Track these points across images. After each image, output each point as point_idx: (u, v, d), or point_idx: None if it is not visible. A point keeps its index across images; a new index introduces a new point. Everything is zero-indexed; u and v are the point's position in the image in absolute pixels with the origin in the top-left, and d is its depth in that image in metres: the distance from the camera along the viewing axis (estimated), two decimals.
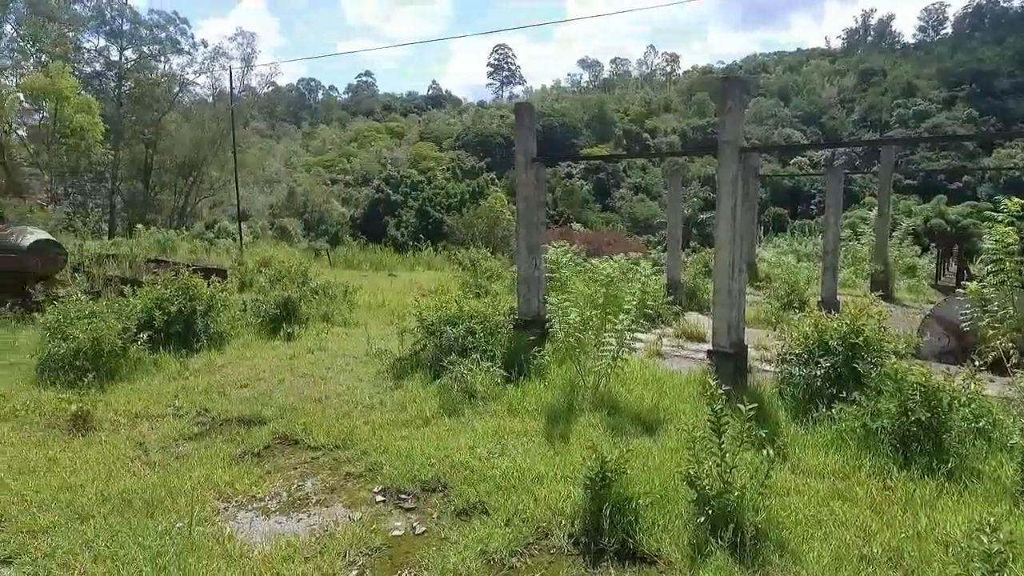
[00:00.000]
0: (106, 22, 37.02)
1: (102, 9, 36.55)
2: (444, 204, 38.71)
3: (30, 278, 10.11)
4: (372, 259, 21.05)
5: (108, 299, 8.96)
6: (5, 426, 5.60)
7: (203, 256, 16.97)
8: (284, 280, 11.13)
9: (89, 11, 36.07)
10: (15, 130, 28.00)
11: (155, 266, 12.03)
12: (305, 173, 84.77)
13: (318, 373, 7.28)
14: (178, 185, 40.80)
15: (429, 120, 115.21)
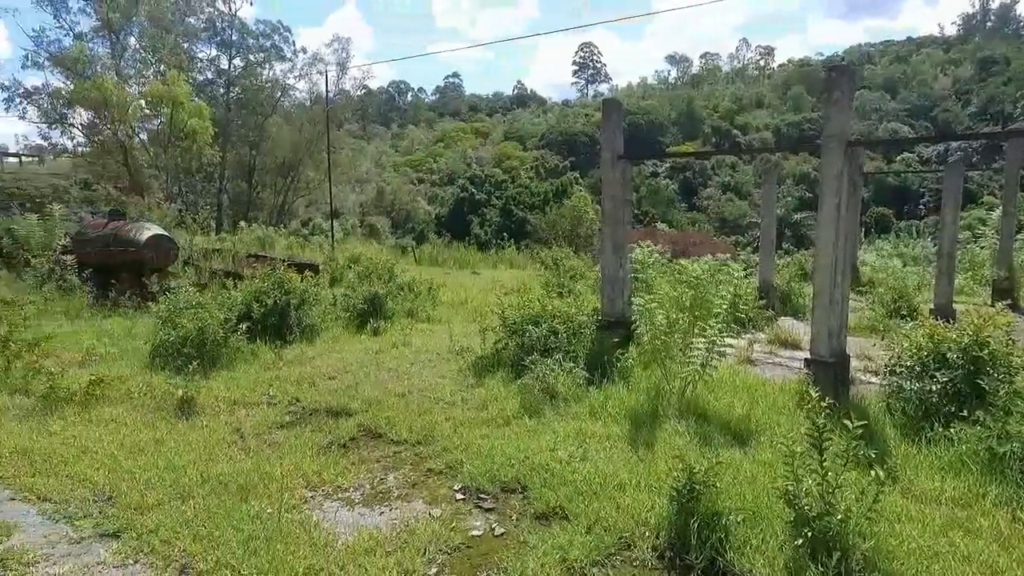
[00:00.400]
0: (217, 33, 39.65)
1: (214, 21, 39.17)
2: (527, 203, 38.76)
3: (146, 270, 10.95)
4: (456, 257, 21.39)
5: (212, 291, 9.55)
6: (121, 407, 6.04)
7: (298, 252, 17.82)
8: (372, 276, 11.46)
9: (202, 23, 38.75)
10: (137, 134, 30.50)
11: (254, 261, 12.72)
12: (393, 173, 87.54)
13: (402, 368, 7.42)
14: (277, 184, 43.13)
15: (513, 120, 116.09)
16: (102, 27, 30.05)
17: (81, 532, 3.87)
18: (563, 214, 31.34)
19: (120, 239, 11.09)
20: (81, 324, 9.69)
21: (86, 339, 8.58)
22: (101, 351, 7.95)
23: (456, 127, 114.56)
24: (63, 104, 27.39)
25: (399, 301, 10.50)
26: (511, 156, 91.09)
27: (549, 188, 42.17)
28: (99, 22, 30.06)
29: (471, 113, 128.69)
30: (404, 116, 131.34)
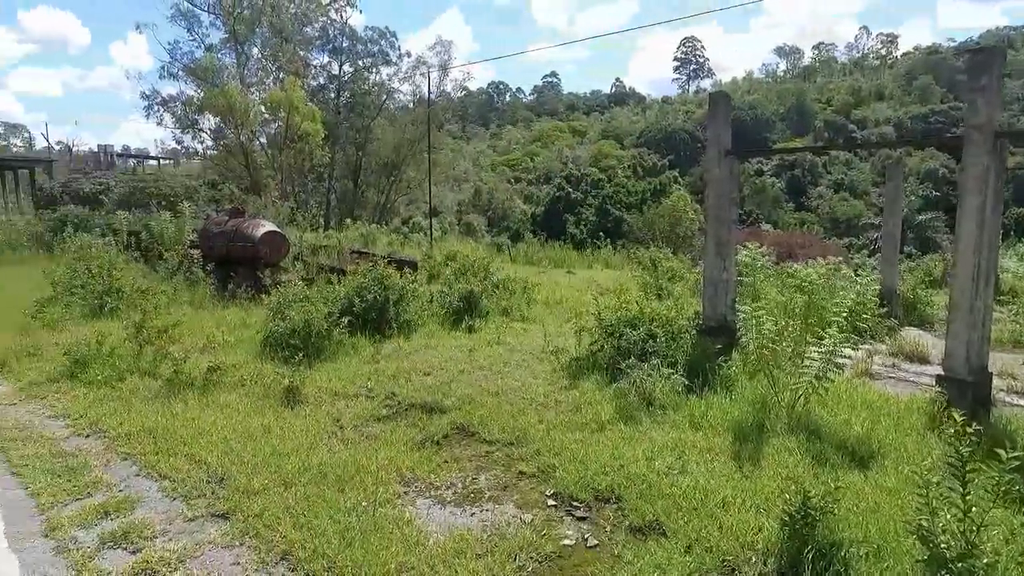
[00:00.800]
0: (329, 40, 41.86)
1: (327, 29, 41.38)
2: (624, 202, 38.08)
3: (261, 264, 11.66)
4: (551, 256, 21.32)
5: (318, 285, 10.00)
6: (234, 393, 6.42)
7: (398, 249, 18.42)
8: (468, 274, 11.58)
9: (316, 32, 41.04)
10: (257, 137, 32.81)
11: (357, 257, 13.23)
12: (491, 172, 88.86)
13: (495, 367, 7.40)
14: (381, 184, 44.91)
15: (611, 118, 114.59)
16: (229, 39, 32.50)
17: (195, 511, 4.11)
18: (661, 214, 30.53)
19: (239, 235, 11.88)
20: (204, 313, 10.44)
21: (207, 327, 9.24)
22: (219, 339, 8.52)
23: (553, 126, 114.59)
24: (194, 111, 29.92)
25: (494, 299, 10.54)
26: (608, 155, 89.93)
27: (647, 187, 41.24)
28: (226, 34, 32.53)
29: (568, 112, 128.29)
30: (502, 116, 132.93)
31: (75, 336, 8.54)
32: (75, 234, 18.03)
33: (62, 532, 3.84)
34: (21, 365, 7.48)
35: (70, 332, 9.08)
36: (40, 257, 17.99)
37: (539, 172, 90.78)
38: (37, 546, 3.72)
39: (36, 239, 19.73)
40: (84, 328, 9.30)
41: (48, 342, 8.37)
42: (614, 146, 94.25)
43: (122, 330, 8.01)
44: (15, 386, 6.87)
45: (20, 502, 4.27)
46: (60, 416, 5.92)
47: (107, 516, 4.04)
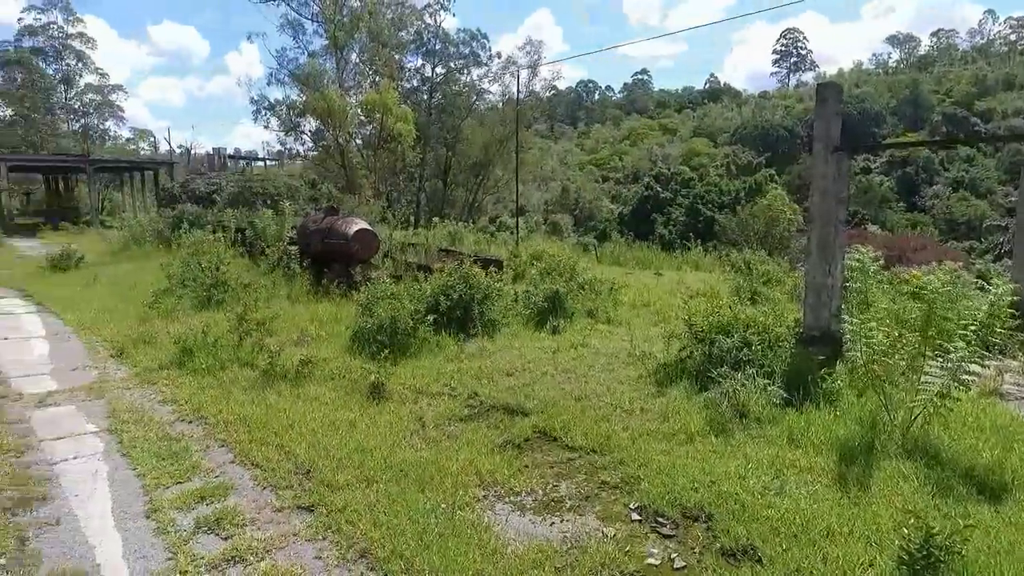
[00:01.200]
0: (423, 44, 42.94)
1: (421, 33, 42.46)
2: (716, 202, 36.62)
3: (353, 261, 12.04)
4: (638, 256, 20.78)
5: (406, 283, 10.19)
6: (324, 386, 6.61)
7: (484, 248, 18.55)
8: (553, 274, 11.45)
9: (411, 36, 42.21)
10: (354, 139, 34.13)
11: (444, 255, 13.40)
12: (578, 171, 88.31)
13: (579, 370, 7.23)
14: (469, 183, 45.61)
15: (704, 115, 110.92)
16: (329, 45, 34.01)
17: (283, 501, 4.22)
18: (756, 214, 29.08)
19: (333, 232, 12.32)
20: (299, 307, 10.90)
21: (301, 321, 9.62)
22: (312, 333, 8.83)
23: (642, 124, 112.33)
24: (296, 114, 31.54)
25: (579, 300, 10.34)
26: (700, 153, 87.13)
27: (741, 186, 39.49)
28: (327, 41, 34.08)
29: (659, 109, 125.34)
30: (591, 115, 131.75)
31: (185, 326, 9.14)
32: (190, 230, 19.46)
33: (162, 514, 4.04)
34: (138, 352, 8.07)
35: (181, 322, 9.72)
36: (160, 251, 19.52)
37: (627, 171, 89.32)
38: (139, 526, 3.94)
39: (157, 235, 21.41)
40: (194, 318, 9.94)
41: (162, 331, 8.99)
42: (706, 144, 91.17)
43: (225, 321, 8.49)
44: (132, 371, 7.41)
45: (128, 482, 4.56)
46: (168, 402, 6.31)
47: (203, 501, 4.23)
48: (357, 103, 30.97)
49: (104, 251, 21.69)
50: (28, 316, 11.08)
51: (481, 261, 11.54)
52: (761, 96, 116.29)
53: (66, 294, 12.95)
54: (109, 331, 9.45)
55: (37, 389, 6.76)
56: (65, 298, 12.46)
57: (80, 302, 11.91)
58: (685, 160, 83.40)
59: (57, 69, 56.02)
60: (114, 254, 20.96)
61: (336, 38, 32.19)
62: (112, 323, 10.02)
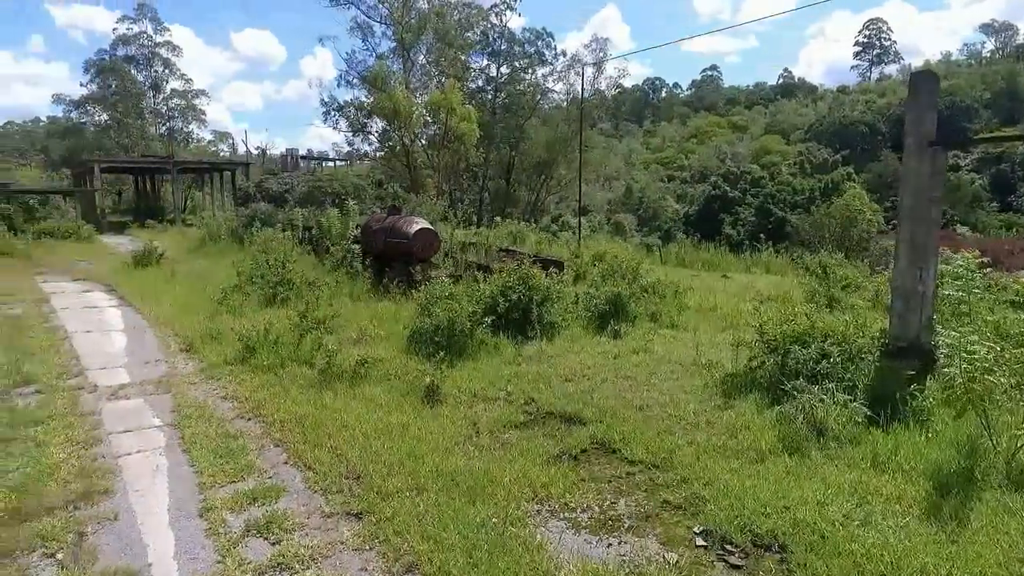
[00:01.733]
0: (489, 44, 43.15)
1: (487, 33, 42.68)
2: (788, 201, 35.08)
3: (413, 260, 12.08)
4: (705, 258, 20.01)
5: (465, 283, 10.11)
6: (379, 387, 6.56)
7: (545, 248, 18.35)
8: (616, 276, 11.12)
9: (477, 37, 42.49)
10: (419, 138, 34.61)
11: (504, 255, 13.29)
12: (643, 170, 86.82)
13: (641, 377, 6.91)
14: (532, 182, 45.52)
15: (777, 111, 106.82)
16: (397, 47, 34.63)
17: (332, 507, 4.15)
18: (831, 214, 27.63)
19: (394, 231, 12.41)
20: (360, 306, 11.02)
21: (361, 320, 9.69)
22: (371, 332, 8.87)
23: (711, 121, 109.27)
24: (364, 115, 32.26)
25: (642, 303, 9.97)
26: (771, 150, 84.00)
27: (816, 185, 37.75)
28: (395, 42, 34.71)
29: (729, 106, 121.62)
30: (657, 113, 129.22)
31: (251, 322, 9.37)
32: (261, 229, 20.16)
33: (215, 514, 4.04)
34: (205, 348, 8.30)
35: (248, 318, 9.97)
36: (233, 248, 20.32)
37: (694, 170, 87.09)
38: (192, 526, 3.95)
39: (231, 233, 22.31)
40: (259, 315, 10.18)
41: (229, 327, 9.22)
42: (779, 141, 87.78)
43: (288, 319, 8.63)
44: (199, 366, 7.61)
45: (185, 479, 4.61)
46: (230, 398, 6.42)
47: (255, 502, 4.21)
48: (423, 103, 31.35)
49: (183, 247, 22.80)
50: (111, 310, 11.67)
51: (541, 262, 11.34)
52: (839, 91, 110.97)
53: (146, 289, 13.59)
54: (181, 326, 9.80)
55: (111, 382, 7.03)
56: (144, 293, 13.07)
57: (157, 297, 12.45)
58: (755, 158, 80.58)
59: (147, 76, 59.48)
60: (192, 251, 21.98)
61: (403, 39, 32.73)
62: (185, 318, 10.39)
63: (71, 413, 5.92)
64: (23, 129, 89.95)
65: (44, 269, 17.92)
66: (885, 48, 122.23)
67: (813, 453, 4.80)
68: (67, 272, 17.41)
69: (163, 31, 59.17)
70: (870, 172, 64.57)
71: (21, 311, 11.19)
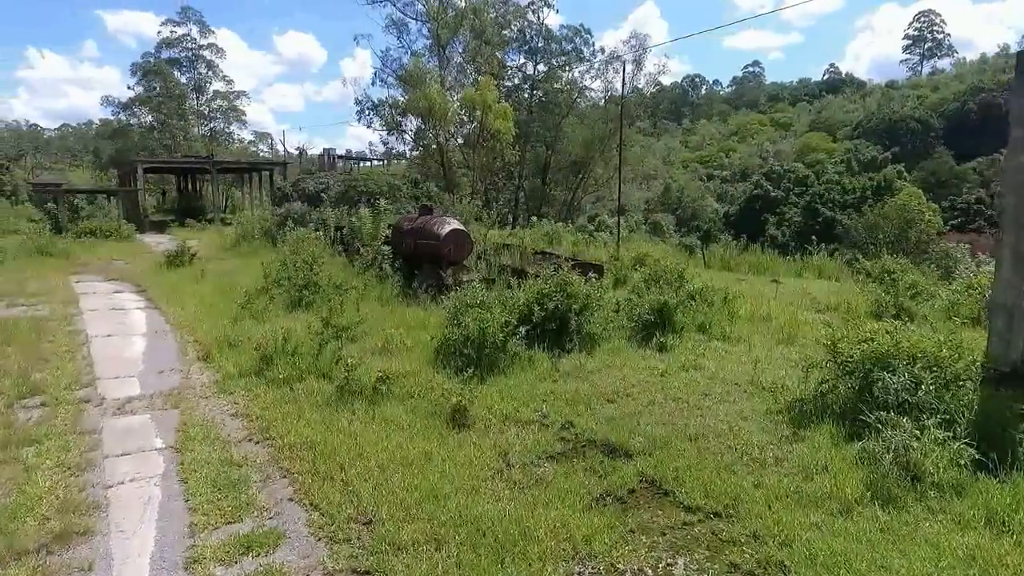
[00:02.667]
0: (526, 42, 42.47)
1: (524, 31, 42.00)
2: (838, 201, 33.48)
3: (444, 263, 11.50)
4: (751, 261, 18.89)
5: (498, 288, 9.47)
6: (401, 407, 5.95)
7: (583, 250, 17.59)
8: (659, 281, 10.33)
9: (514, 34, 41.84)
10: (453, 137, 34.15)
11: (540, 258, 12.59)
12: (681, 169, 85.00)
13: (692, 399, 6.15)
14: (569, 181, 44.69)
15: (822, 108, 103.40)
16: (433, 44, 34.22)
17: (336, 561, 3.54)
18: (886, 215, 26.11)
19: (425, 232, 11.84)
20: (387, 311, 10.48)
21: (388, 326, 9.12)
22: (396, 341, 8.28)
23: (753, 119, 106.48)
24: (399, 113, 31.84)
25: (689, 312, 9.16)
26: (816, 148, 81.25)
27: (867, 184, 35.96)
28: (430, 40, 34.32)
29: (771, 103, 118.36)
30: (696, 111, 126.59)
31: (273, 328, 8.92)
32: (294, 229, 19.90)
33: (202, 567, 3.48)
34: (222, 356, 7.84)
35: (270, 323, 9.51)
36: (266, 248, 20.12)
37: (735, 169, 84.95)
38: None
39: (264, 233, 22.16)
40: (283, 319, 9.74)
41: (250, 332, 8.77)
42: (824, 138, 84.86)
43: (311, 325, 8.12)
44: (213, 378, 7.14)
45: (178, 517, 4.07)
46: (240, 415, 5.90)
47: (249, 551, 3.63)
48: (458, 100, 30.84)
49: (218, 247, 22.75)
50: (137, 312, 11.39)
51: (579, 265, 10.62)
52: (888, 86, 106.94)
53: (175, 290, 13.34)
54: (202, 330, 9.40)
55: (120, 393, 6.60)
56: (172, 294, 12.81)
57: (184, 298, 12.15)
58: (799, 156, 78.08)
59: (190, 78, 60.60)
60: (226, 250, 21.89)
61: (439, 36, 32.26)
62: (207, 321, 10.01)
63: (70, 431, 5.48)
64: (77, 132, 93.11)
65: (81, 268, 17.97)
66: (937, 41, 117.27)
67: (911, 505, 4.00)
68: (103, 271, 17.42)
69: (207, 33, 60.17)
70: (923, 171, 61.91)
71: (48, 312, 10.99)
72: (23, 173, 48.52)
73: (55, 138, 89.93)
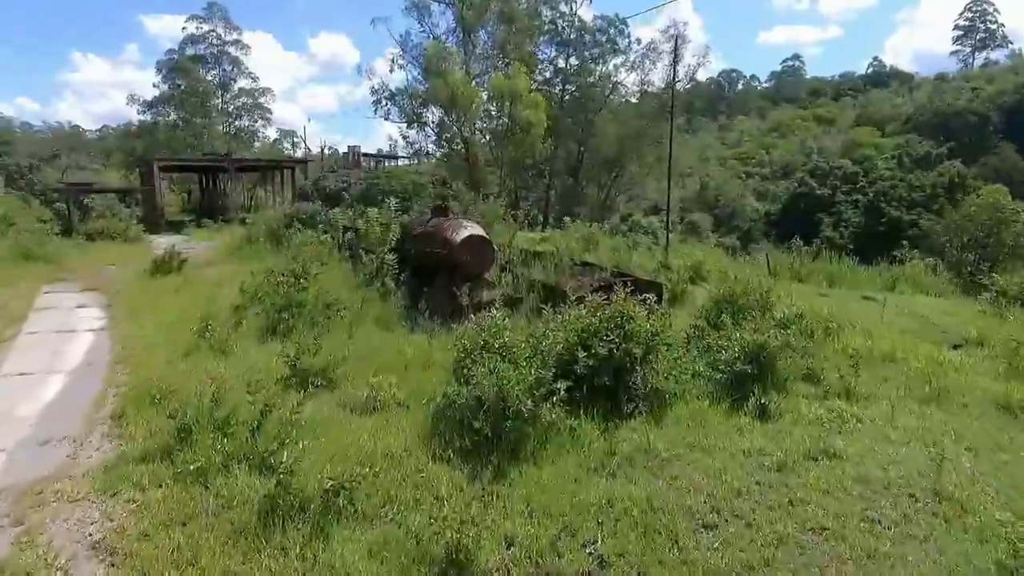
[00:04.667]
0: (558, 33, 39.93)
1: (556, 21, 39.47)
2: (904, 199, 30.19)
3: (458, 277, 9.14)
4: (829, 270, 15.88)
5: (525, 311, 7.11)
6: (363, 540, 3.60)
7: (625, 257, 15.02)
8: (736, 304, 7.84)
9: (546, 25, 39.32)
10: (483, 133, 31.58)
11: (580, 271, 10.12)
12: (718, 167, 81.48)
13: (850, 525, 3.70)
14: (602, 179, 42.15)
15: (867, 102, 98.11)
16: (458, 28, 31.72)
17: None
18: (970, 215, 22.94)
19: (436, 238, 9.54)
20: (386, 339, 8.21)
21: (380, 363, 6.85)
22: (386, 391, 5.96)
23: (793, 114, 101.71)
24: (419, 103, 29.27)
25: (786, 354, 6.62)
26: (863, 144, 76.74)
27: (936, 180, 32.55)
28: (454, 22, 31.72)
29: (812, 98, 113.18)
30: (732, 107, 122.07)
31: (236, 364, 6.76)
32: (301, 230, 17.83)
33: None
34: (139, 417, 5.59)
35: (233, 358, 7.34)
36: (270, 251, 18.08)
37: (775, 166, 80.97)
38: None
39: (271, 234, 20.11)
40: (253, 351, 7.57)
41: (195, 376, 6.54)
42: (872, 133, 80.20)
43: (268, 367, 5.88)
44: (107, 457, 4.90)
45: None
46: (103, 550, 3.63)
47: None
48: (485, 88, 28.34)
49: (224, 249, 20.83)
50: (86, 335, 9.31)
51: (630, 282, 8.17)
52: (938, 78, 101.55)
53: (147, 304, 11.28)
54: (147, 367, 7.22)
55: None
56: (141, 309, 10.74)
57: (150, 315, 10.08)
58: (845, 152, 73.93)
59: (215, 75, 59.49)
60: (230, 252, 19.88)
61: (464, 18, 29.70)
62: (163, 349, 7.88)
63: None
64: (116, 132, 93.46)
65: (64, 275, 16.12)
66: (990, 32, 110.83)
67: None
68: (85, 279, 15.49)
69: (232, 30, 58.99)
70: (984, 166, 57.64)
71: None
72: (55, 173, 47.87)
73: (95, 139, 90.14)
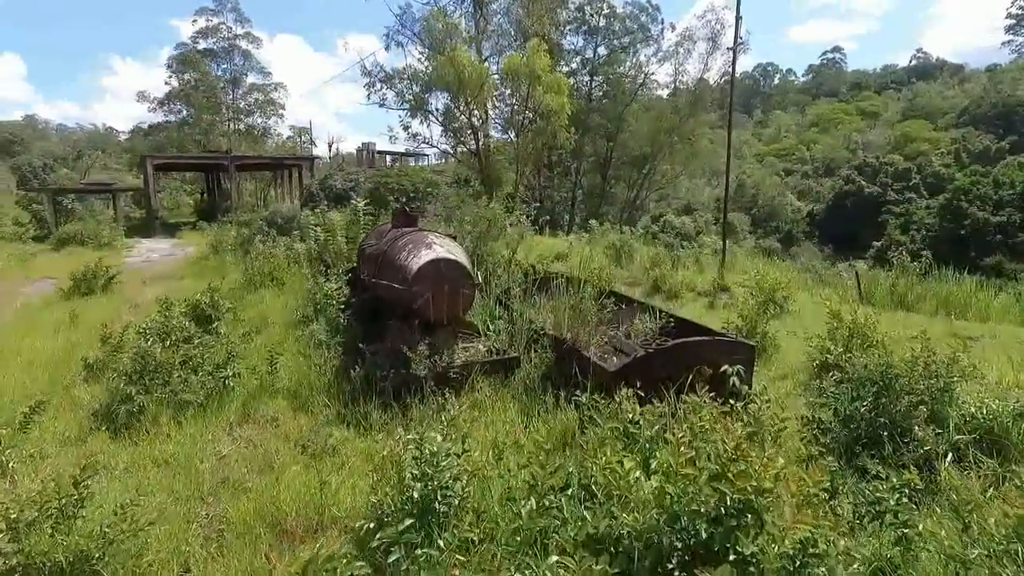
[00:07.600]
0: (585, 21, 36.33)
1: (583, 8, 35.90)
2: (989, 199, 25.84)
3: (416, 324, 5.71)
4: (937, 291, 11.98)
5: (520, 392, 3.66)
6: None
7: (670, 275, 11.42)
8: (888, 387, 4.32)
9: (572, 12, 35.77)
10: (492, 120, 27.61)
11: (615, 306, 6.52)
12: (755, 163, 77.05)
13: None
14: (631, 178, 38.45)
15: (914, 95, 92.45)
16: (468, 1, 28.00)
17: None
18: None
19: (388, 262, 6.13)
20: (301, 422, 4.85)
21: (268, 506, 3.50)
22: None
23: (835, 108, 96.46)
24: (421, 88, 25.32)
25: None
26: (915, 138, 71.59)
27: None
28: None
29: (854, 92, 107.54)
30: (767, 102, 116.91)
31: None
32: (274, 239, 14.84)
33: None
34: None
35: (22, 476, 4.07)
36: (235, 262, 14.93)
37: (817, 162, 76.11)
38: None
39: (242, 243, 16.92)
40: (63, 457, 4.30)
41: None
42: (924, 127, 74.85)
43: None
44: None
45: None
46: None
47: None
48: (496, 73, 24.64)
49: (191, 259, 17.78)
50: None
51: (707, 344, 4.64)
52: (990, 69, 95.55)
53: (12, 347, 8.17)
54: None
55: None
56: None
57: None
58: (896, 147, 68.89)
59: (226, 70, 57.17)
60: (191, 264, 16.82)
61: None
62: None
63: None
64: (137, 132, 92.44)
65: None
66: None
67: None
68: None
69: (243, 22, 56.58)
70: None
71: None
72: (75, 174, 45.99)
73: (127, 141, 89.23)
